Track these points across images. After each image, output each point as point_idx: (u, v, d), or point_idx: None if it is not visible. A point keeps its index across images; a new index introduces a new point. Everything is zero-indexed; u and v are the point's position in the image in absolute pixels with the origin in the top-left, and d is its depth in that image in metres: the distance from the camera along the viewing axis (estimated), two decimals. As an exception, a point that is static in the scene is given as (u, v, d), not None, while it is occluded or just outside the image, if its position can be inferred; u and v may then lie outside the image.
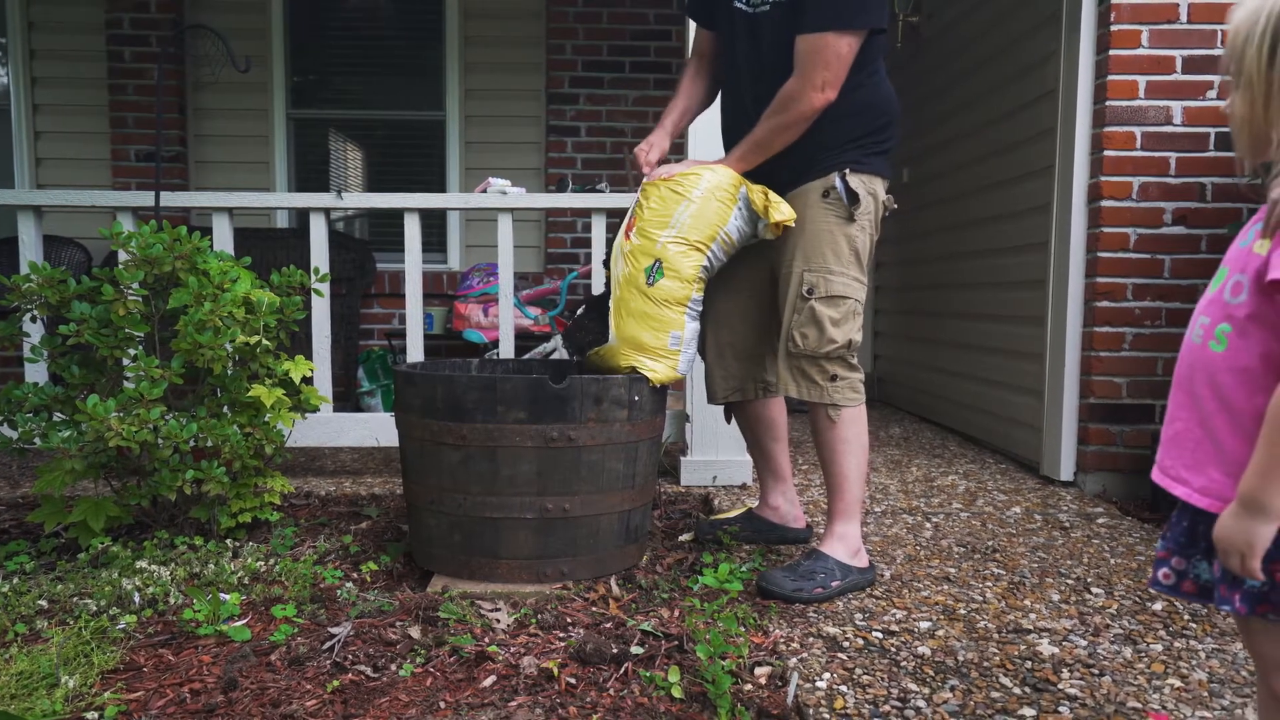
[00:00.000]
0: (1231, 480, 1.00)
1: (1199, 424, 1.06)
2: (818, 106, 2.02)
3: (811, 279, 2.10)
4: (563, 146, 5.10)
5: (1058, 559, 2.35)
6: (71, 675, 1.61)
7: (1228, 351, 1.02)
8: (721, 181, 2.13)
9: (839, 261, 2.10)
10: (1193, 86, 2.99)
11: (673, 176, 2.14)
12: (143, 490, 2.31)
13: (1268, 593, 0.99)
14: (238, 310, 2.31)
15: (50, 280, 2.35)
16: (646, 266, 2.10)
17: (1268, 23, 0.97)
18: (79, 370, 2.36)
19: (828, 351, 2.10)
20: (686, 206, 2.11)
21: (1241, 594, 1.01)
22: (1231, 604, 1.01)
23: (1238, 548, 0.97)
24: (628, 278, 2.13)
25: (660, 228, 2.11)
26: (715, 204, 2.11)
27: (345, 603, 2.00)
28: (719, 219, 2.12)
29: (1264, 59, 0.97)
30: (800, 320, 2.11)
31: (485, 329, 4.40)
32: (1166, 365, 3.03)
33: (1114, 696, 1.59)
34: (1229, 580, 1.01)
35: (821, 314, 2.09)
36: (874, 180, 2.15)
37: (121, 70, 4.88)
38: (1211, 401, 1.04)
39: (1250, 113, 1.00)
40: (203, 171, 5.10)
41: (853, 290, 2.12)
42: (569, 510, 2.07)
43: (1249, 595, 1.00)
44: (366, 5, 5.18)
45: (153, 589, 1.99)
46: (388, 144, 5.37)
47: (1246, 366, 1.00)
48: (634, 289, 2.12)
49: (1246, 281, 1.00)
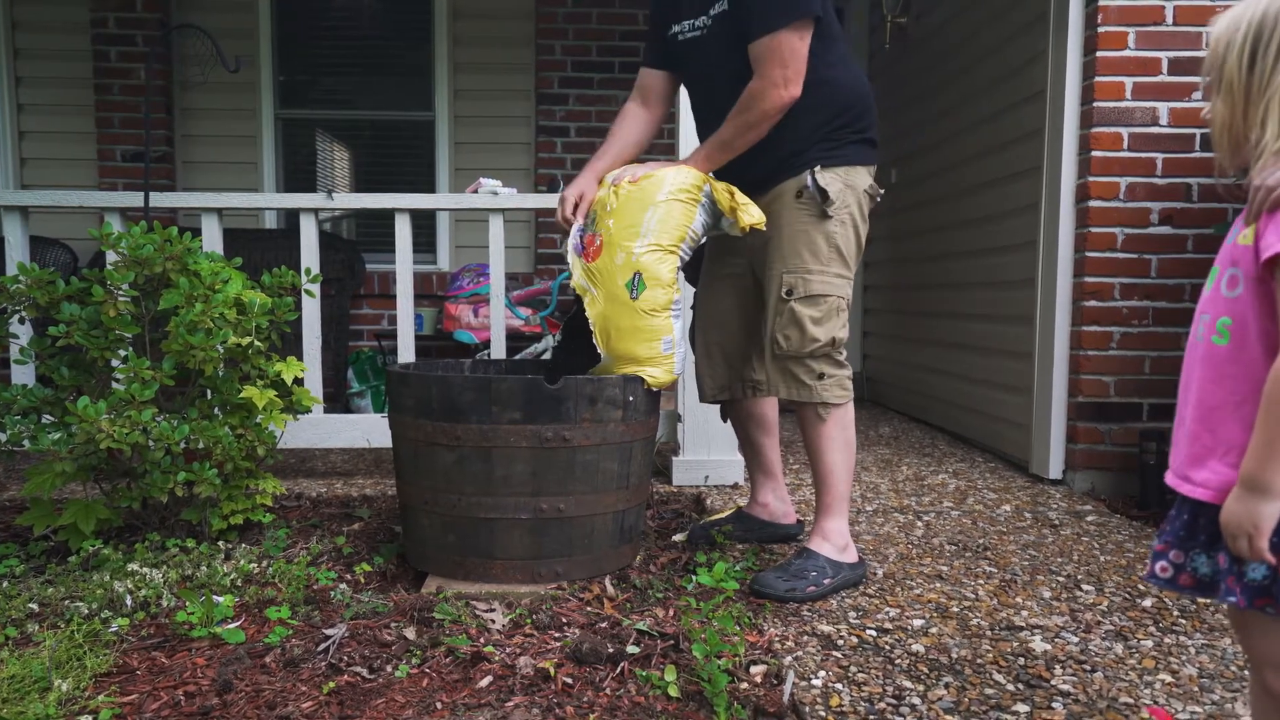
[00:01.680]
0: (1233, 470, 1.02)
1: (1202, 419, 1.08)
2: (781, 103, 2.03)
3: (790, 280, 2.11)
4: (552, 147, 5.09)
5: (1048, 556, 2.37)
6: (64, 679, 1.60)
7: (1231, 344, 1.04)
8: (684, 182, 2.12)
9: (818, 260, 2.11)
10: (1179, 88, 3.02)
11: (637, 180, 2.13)
12: (134, 492, 2.29)
13: (1269, 585, 1.01)
14: (229, 311, 2.30)
15: (39, 281, 2.33)
16: (627, 281, 2.08)
17: (1248, 30, 1.02)
18: (68, 372, 2.35)
19: (811, 350, 2.11)
20: (653, 211, 2.09)
21: (1243, 587, 1.02)
22: (1235, 596, 1.03)
23: (1244, 529, 0.98)
24: (609, 296, 2.10)
25: (632, 239, 2.09)
26: (680, 205, 2.11)
27: (339, 604, 2.00)
28: (685, 219, 2.12)
29: (1244, 65, 1.02)
30: (782, 322, 2.12)
31: (476, 329, 4.39)
32: (1154, 364, 3.06)
33: (1106, 692, 1.61)
34: (1236, 572, 1.03)
35: (802, 314, 2.10)
36: (853, 171, 2.14)
37: (107, 70, 4.85)
38: (1216, 395, 1.06)
39: (1230, 117, 1.05)
40: (190, 172, 5.07)
41: (834, 288, 2.12)
42: (564, 510, 2.07)
43: (1249, 589, 1.02)
44: (355, 5, 5.16)
45: (145, 591, 1.98)
46: (377, 144, 5.35)
47: (1251, 358, 1.02)
48: (619, 306, 2.09)
49: (1240, 274, 1.03)
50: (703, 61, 2.20)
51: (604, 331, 2.12)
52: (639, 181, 2.12)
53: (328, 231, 5.07)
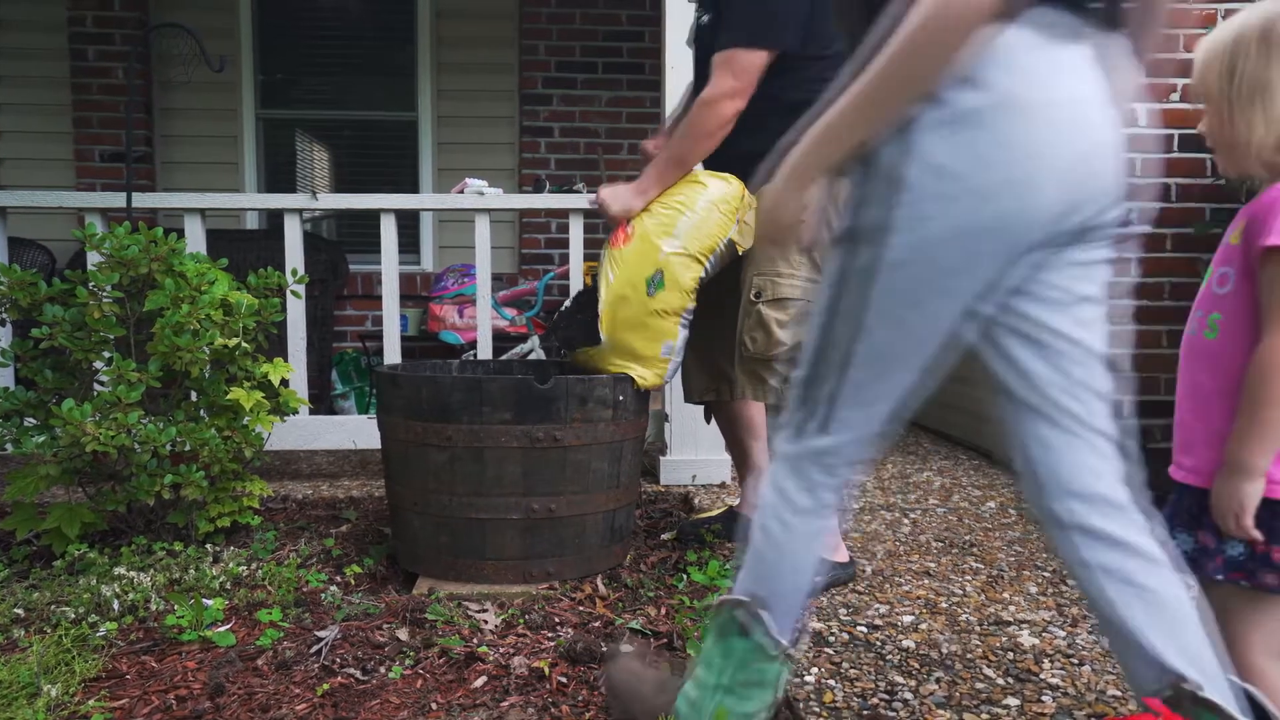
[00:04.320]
0: (1218, 455, 1.09)
1: (1193, 409, 1.15)
2: (725, 115, 2.04)
3: (760, 282, 2.12)
4: (536, 147, 5.09)
5: (1033, 552, 2.40)
6: (53, 684, 1.59)
7: (1220, 337, 1.11)
8: (726, 194, 2.11)
9: (789, 264, 2.12)
10: (1156, 89, 3.06)
11: (676, 184, 2.14)
12: (119, 496, 2.27)
13: (1244, 561, 1.08)
14: (215, 312, 2.29)
15: (20, 283, 2.30)
16: (648, 276, 2.08)
17: (1225, 49, 1.15)
18: (52, 374, 2.32)
19: (777, 354, 2.12)
20: (690, 217, 2.09)
21: (1225, 561, 1.10)
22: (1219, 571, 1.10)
23: (1231, 509, 1.07)
24: (626, 283, 2.10)
25: (663, 236, 2.09)
26: (717, 215, 2.10)
27: (330, 606, 1.99)
28: (720, 231, 2.11)
29: (1224, 78, 1.13)
30: (750, 324, 2.13)
31: (461, 330, 4.38)
32: (1134, 361, 3.11)
33: (1094, 685, 1.63)
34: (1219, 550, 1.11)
35: (768, 317, 2.11)
36: None
37: (85, 69, 4.79)
38: (1208, 386, 1.12)
39: (1220, 126, 1.15)
40: (170, 172, 5.02)
41: (804, 292, 2.13)
42: (555, 510, 2.07)
43: (1229, 562, 1.10)
44: (337, 4, 5.14)
45: (132, 595, 1.96)
46: (359, 145, 5.32)
47: (1238, 350, 1.09)
48: (633, 297, 2.10)
49: (1231, 272, 1.10)
50: (703, 50, 2.21)
51: (610, 319, 2.11)
52: (680, 185, 2.13)
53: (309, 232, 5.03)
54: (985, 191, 0.99)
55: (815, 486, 1.17)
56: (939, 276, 1.04)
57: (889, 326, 1.08)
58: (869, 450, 1.17)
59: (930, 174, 1.00)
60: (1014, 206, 1.00)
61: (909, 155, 1.01)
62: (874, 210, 1.05)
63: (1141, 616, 1.02)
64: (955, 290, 1.05)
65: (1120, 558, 1.04)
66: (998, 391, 1.14)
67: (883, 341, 1.10)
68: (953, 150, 0.99)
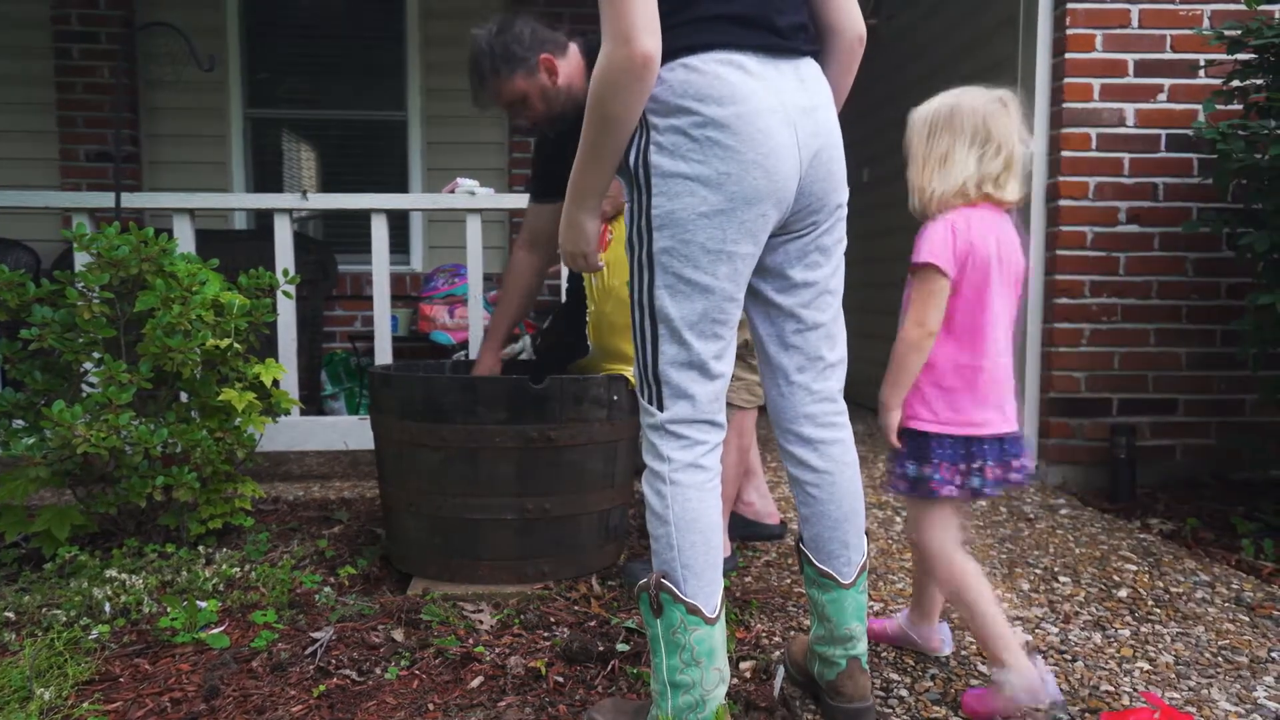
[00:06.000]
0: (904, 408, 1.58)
1: None
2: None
3: None
4: (525, 147, 5.07)
5: (1025, 550, 2.42)
6: (45, 687, 1.58)
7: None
8: None
9: None
10: (1144, 90, 3.09)
11: None
12: (110, 498, 2.26)
13: (905, 476, 1.57)
14: (207, 313, 2.27)
15: (9, 283, 2.28)
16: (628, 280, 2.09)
17: (925, 121, 1.57)
18: (42, 376, 2.30)
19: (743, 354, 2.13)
20: None
21: (895, 477, 1.59)
22: (899, 485, 1.59)
23: (885, 433, 1.57)
24: (609, 288, 2.11)
25: None
26: None
27: (325, 607, 1.98)
28: None
29: (923, 140, 1.56)
30: None
31: (452, 330, 4.37)
32: (1123, 360, 3.13)
33: (1088, 681, 1.65)
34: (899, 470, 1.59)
35: None
36: None
37: (70, 68, 4.74)
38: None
39: (916, 178, 1.57)
40: (156, 172, 4.98)
41: None
42: (549, 510, 2.07)
43: (902, 479, 1.58)
44: (325, 3, 5.11)
45: (125, 598, 1.95)
46: (348, 144, 5.29)
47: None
48: (617, 301, 2.11)
49: (908, 277, 1.56)
50: None
51: (596, 323, 2.12)
52: None
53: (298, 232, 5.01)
54: (711, 185, 1.27)
55: (671, 453, 1.34)
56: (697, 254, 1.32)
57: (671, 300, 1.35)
58: (708, 411, 1.35)
59: (667, 179, 1.29)
60: (734, 195, 1.28)
61: (648, 168, 1.30)
62: (637, 212, 1.33)
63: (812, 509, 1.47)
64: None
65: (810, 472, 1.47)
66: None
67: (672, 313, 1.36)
68: (678, 159, 1.28)
